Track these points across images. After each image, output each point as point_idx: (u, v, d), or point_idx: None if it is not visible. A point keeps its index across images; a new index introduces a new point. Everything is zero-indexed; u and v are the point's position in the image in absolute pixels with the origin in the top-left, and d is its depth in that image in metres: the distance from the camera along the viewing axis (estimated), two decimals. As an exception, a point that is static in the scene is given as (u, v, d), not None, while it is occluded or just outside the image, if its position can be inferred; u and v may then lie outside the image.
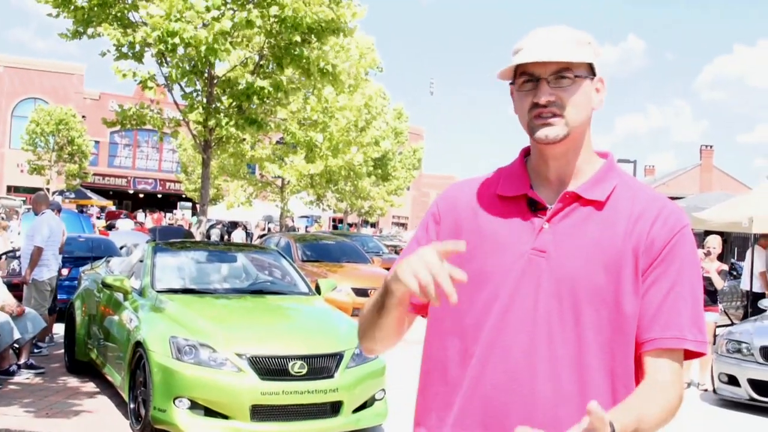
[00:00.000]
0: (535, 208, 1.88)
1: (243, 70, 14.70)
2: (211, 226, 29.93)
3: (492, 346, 1.81)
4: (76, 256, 13.85)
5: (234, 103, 13.74)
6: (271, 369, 6.43)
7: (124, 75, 13.14)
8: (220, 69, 14.40)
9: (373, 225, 55.99)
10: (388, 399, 7.18)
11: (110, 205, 49.19)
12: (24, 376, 8.80)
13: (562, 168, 1.89)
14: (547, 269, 1.79)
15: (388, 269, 11.74)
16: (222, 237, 31.13)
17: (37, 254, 10.05)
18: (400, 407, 7.75)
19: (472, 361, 1.83)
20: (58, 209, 11.82)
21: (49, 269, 10.26)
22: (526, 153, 2.00)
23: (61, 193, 43.11)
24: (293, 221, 31.49)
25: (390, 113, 34.95)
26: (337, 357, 6.73)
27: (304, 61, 13.40)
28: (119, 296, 8.03)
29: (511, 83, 1.91)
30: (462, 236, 1.89)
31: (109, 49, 13.17)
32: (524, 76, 1.84)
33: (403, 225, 69.10)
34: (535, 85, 1.82)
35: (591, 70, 1.87)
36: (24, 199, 36.17)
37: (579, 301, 1.77)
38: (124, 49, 12.95)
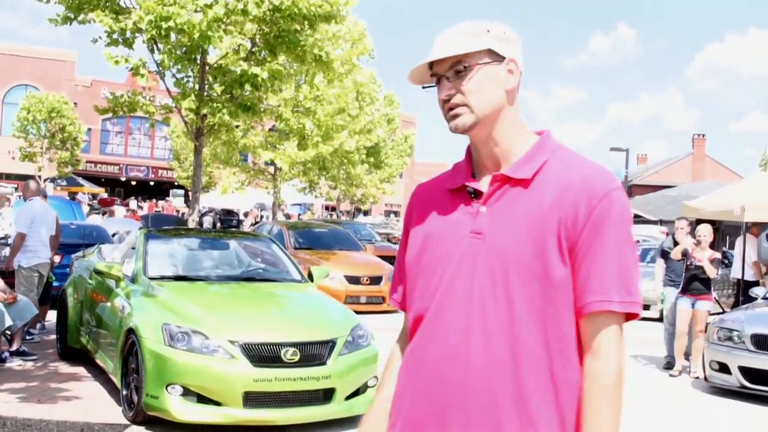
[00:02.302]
0: (474, 195, 2.01)
1: (235, 57, 14.64)
2: (204, 214, 29.91)
3: (435, 324, 1.95)
4: (67, 243, 13.79)
5: (226, 90, 13.69)
6: (263, 356, 6.43)
7: (117, 61, 13.08)
8: (213, 56, 14.32)
9: (366, 213, 55.91)
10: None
11: (102, 193, 49.10)
12: (16, 363, 8.78)
13: (491, 152, 2.01)
14: (483, 249, 1.92)
15: (380, 257, 11.85)
16: (214, 224, 31.13)
17: (18, 240, 9.87)
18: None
19: (416, 341, 2.00)
20: (44, 196, 11.65)
21: (36, 256, 9.99)
22: (470, 147, 2.12)
23: (53, 180, 42.98)
24: (283, 210, 31.41)
25: (382, 100, 34.91)
26: (330, 344, 6.73)
27: (300, 48, 13.36)
28: (111, 283, 8.01)
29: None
30: (419, 235, 2.07)
31: (100, 35, 13.10)
32: (433, 77, 2.00)
33: (395, 213, 69.10)
34: (441, 82, 1.98)
35: (495, 55, 1.96)
36: (16, 186, 36.01)
37: (509, 275, 1.87)
38: (116, 36, 12.88)
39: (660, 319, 15.39)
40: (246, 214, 31.34)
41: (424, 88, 2.05)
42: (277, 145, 24.45)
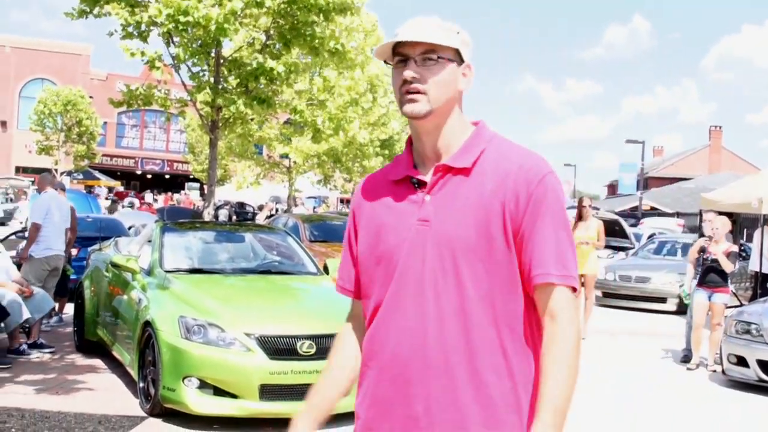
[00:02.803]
0: (418, 185, 2.15)
1: (250, 50, 14.62)
2: (219, 207, 29.86)
3: (392, 310, 2.11)
4: (84, 236, 13.87)
5: (241, 83, 13.68)
6: (279, 348, 6.44)
7: (132, 54, 13.08)
8: (227, 49, 14.31)
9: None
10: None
11: (118, 186, 49.30)
12: (34, 356, 8.83)
13: (434, 143, 2.15)
14: (430, 235, 2.07)
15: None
16: (230, 217, 31.09)
17: (33, 231, 9.86)
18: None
19: (375, 327, 2.16)
20: (62, 189, 11.73)
21: (49, 247, 9.98)
22: (411, 140, 2.25)
23: (69, 173, 43.18)
24: (296, 203, 31.35)
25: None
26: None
27: (317, 40, 13.34)
28: (128, 276, 8.04)
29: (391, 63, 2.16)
30: (371, 225, 2.21)
31: (115, 29, 13.11)
32: (398, 56, 2.11)
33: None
34: (406, 64, 2.09)
35: (458, 56, 2.12)
36: (32, 179, 36.19)
37: (457, 258, 2.04)
38: (131, 29, 12.89)
39: (676, 312, 15.35)
40: (260, 207, 31.30)
41: (386, 63, 2.17)
42: (291, 138, 24.46)
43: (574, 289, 2.08)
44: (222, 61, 13.70)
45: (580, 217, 12.03)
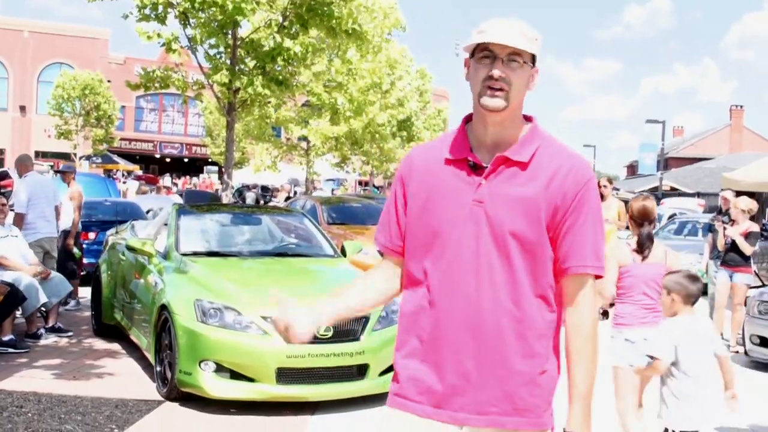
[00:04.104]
0: (474, 167, 2.42)
1: (267, 31, 14.53)
2: (245, 189, 29.67)
3: (449, 280, 2.39)
4: (102, 220, 13.88)
5: (258, 65, 13.59)
6: (296, 332, 6.36)
7: (149, 37, 13.04)
8: (244, 30, 14.22)
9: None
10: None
11: (137, 170, 49.40)
12: (51, 340, 8.83)
13: (498, 134, 2.43)
14: (484, 216, 2.37)
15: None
16: (257, 201, 30.88)
17: (18, 221, 9.74)
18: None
19: (433, 290, 2.42)
20: (67, 173, 11.59)
21: (37, 231, 9.88)
22: (467, 120, 2.53)
23: (88, 158, 43.31)
24: (315, 187, 31.25)
25: (414, 74, 34.60)
26: (363, 320, 6.66)
27: (334, 21, 13.22)
28: (144, 259, 8.00)
29: (470, 56, 2.43)
30: (420, 195, 2.47)
31: (131, 11, 13.04)
32: (484, 52, 2.36)
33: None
34: (492, 61, 2.35)
35: (533, 60, 2.41)
36: (51, 164, 36.31)
37: (506, 238, 2.35)
38: (147, 11, 12.82)
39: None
40: (276, 190, 31.15)
41: (468, 53, 2.43)
42: (309, 121, 24.37)
43: (601, 277, 2.45)
44: (239, 42, 13.61)
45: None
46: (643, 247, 5.39)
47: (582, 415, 2.36)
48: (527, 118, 2.51)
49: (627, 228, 7.04)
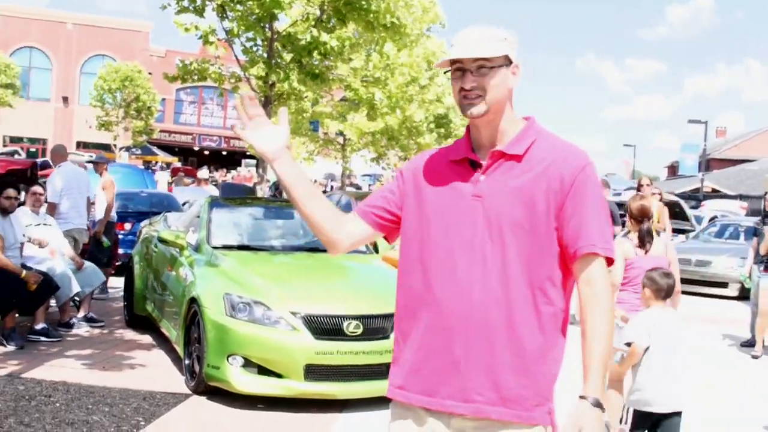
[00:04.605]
0: (474, 165, 2.50)
1: (305, 24, 14.48)
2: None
3: (443, 267, 2.43)
4: (138, 211, 13.93)
5: (294, 59, 13.54)
6: (325, 328, 6.30)
7: (186, 29, 13.07)
8: (282, 24, 14.18)
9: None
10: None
11: (176, 162, 49.76)
12: (84, 329, 8.85)
13: (491, 134, 2.51)
14: (482, 209, 2.43)
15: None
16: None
17: (50, 209, 9.87)
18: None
19: (430, 281, 2.45)
20: (99, 163, 11.67)
21: (69, 222, 10.02)
22: (470, 129, 2.60)
23: (128, 149, 43.71)
24: (350, 181, 31.20)
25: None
26: (393, 317, 6.55)
27: (372, 15, 13.13)
28: (175, 252, 7.97)
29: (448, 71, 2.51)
30: (423, 191, 2.54)
31: (170, 2, 13.06)
32: (456, 65, 2.46)
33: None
34: (463, 73, 2.44)
35: (508, 59, 2.45)
36: (92, 154, 36.69)
37: (503, 230, 2.39)
38: (185, 3, 12.84)
39: (738, 298, 14.90)
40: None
41: (445, 72, 2.53)
42: (346, 116, 24.30)
43: (611, 262, 2.44)
44: (276, 35, 13.57)
45: None
46: (643, 241, 5.95)
47: (596, 385, 2.33)
48: (526, 119, 2.58)
49: (664, 230, 7.00)
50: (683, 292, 15.46)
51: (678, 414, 4.84)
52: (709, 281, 15.68)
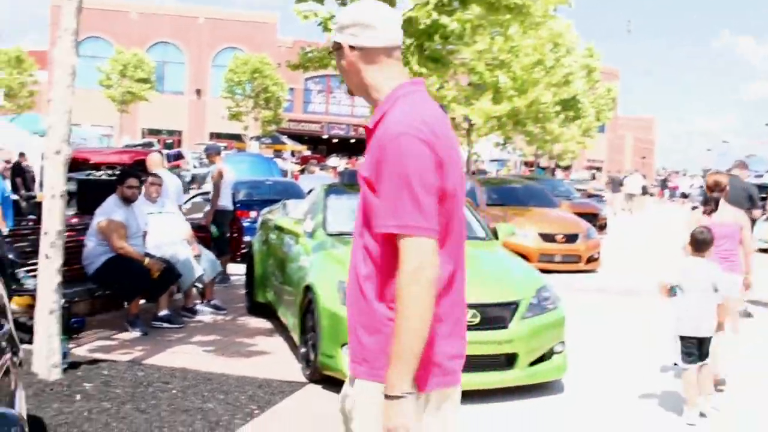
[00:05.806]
0: None
1: (425, 8, 14.26)
2: None
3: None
4: (262, 199, 14.10)
5: (415, 43, 13.36)
6: (441, 317, 6.09)
7: (306, 16, 13.11)
8: (401, 8, 14.01)
9: (567, 168, 53.49)
10: (567, 352, 6.67)
11: (305, 150, 50.57)
12: (207, 316, 8.96)
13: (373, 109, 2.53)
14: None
15: (578, 214, 11.35)
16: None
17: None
18: (580, 361, 7.24)
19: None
20: (218, 152, 12.44)
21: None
22: None
23: (257, 138, 44.71)
24: (478, 167, 30.86)
25: (580, 51, 33.45)
26: (512, 306, 6.29)
27: (494, -5, 12.81)
28: (292, 239, 7.94)
29: None
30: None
31: (289, -10, 13.12)
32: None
33: (598, 169, 66.00)
34: None
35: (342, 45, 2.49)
36: (224, 145, 37.65)
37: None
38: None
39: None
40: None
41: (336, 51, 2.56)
42: (472, 100, 23.96)
43: (428, 236, 2.25)
44: (396, 20, 13.43)
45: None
46: (708, 207, 6.89)
47: (393, 374, 2.25)
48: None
49: None
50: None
51: (708, 339, 5.95)
52: None
